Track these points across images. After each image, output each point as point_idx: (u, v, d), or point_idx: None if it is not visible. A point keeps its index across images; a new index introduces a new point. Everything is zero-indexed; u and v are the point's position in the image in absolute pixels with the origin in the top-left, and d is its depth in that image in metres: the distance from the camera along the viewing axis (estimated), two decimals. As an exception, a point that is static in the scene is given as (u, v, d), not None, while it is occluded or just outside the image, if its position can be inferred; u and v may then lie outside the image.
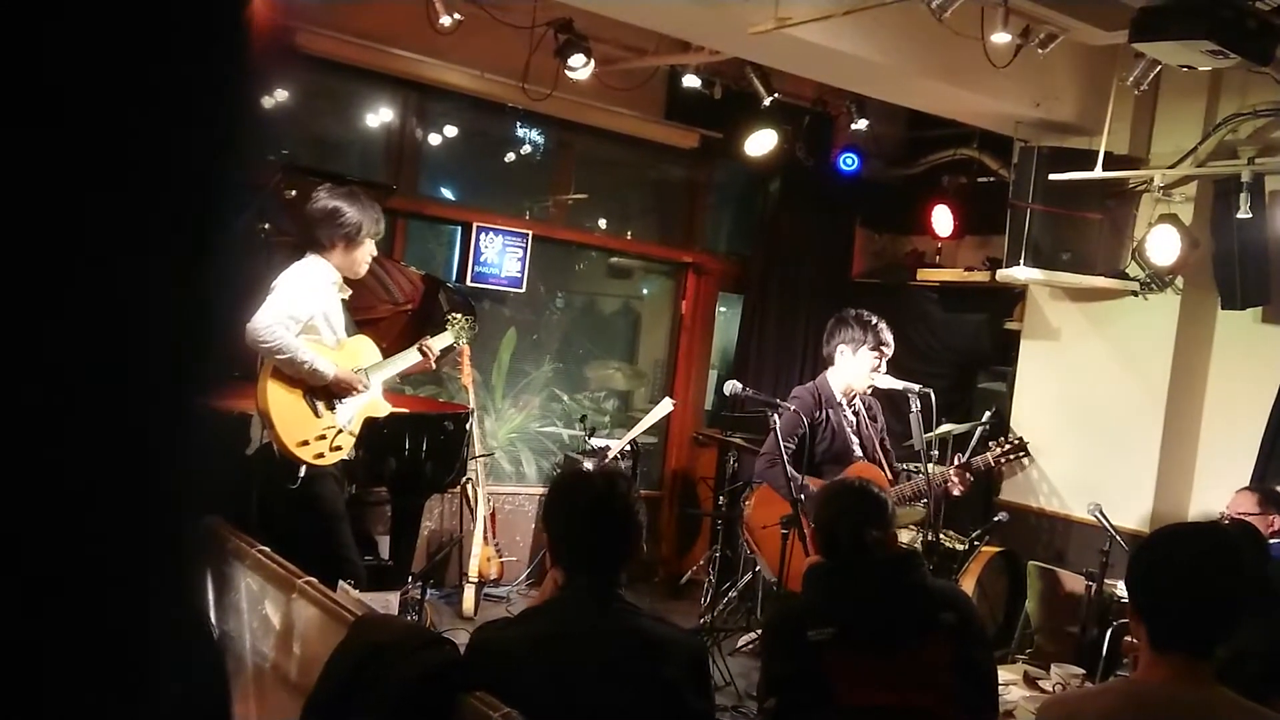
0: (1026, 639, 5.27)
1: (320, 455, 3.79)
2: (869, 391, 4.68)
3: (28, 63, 0.46)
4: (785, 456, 4.18)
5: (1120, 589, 4.42)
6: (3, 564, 0.47)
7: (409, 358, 4.14)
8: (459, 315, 4.38)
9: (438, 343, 4.23)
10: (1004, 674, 3.56)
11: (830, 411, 4.53)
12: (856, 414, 4.65)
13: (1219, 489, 5.33)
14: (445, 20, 5.07)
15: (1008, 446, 4.97)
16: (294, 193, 4.23)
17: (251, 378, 3.76)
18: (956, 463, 4.68)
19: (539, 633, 2.04)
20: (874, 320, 4.58)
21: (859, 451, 4.58)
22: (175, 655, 0.54)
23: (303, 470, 3.75)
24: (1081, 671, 3.87)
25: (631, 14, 4.76)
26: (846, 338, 4.56)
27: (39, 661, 0.49)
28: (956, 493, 4.61)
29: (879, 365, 4.55)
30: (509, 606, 5.59)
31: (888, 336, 4.56)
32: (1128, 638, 4.20)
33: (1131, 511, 5.30)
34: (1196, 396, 5.49)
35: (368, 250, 3.93)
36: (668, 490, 7.03)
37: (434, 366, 4.31)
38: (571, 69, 5.43)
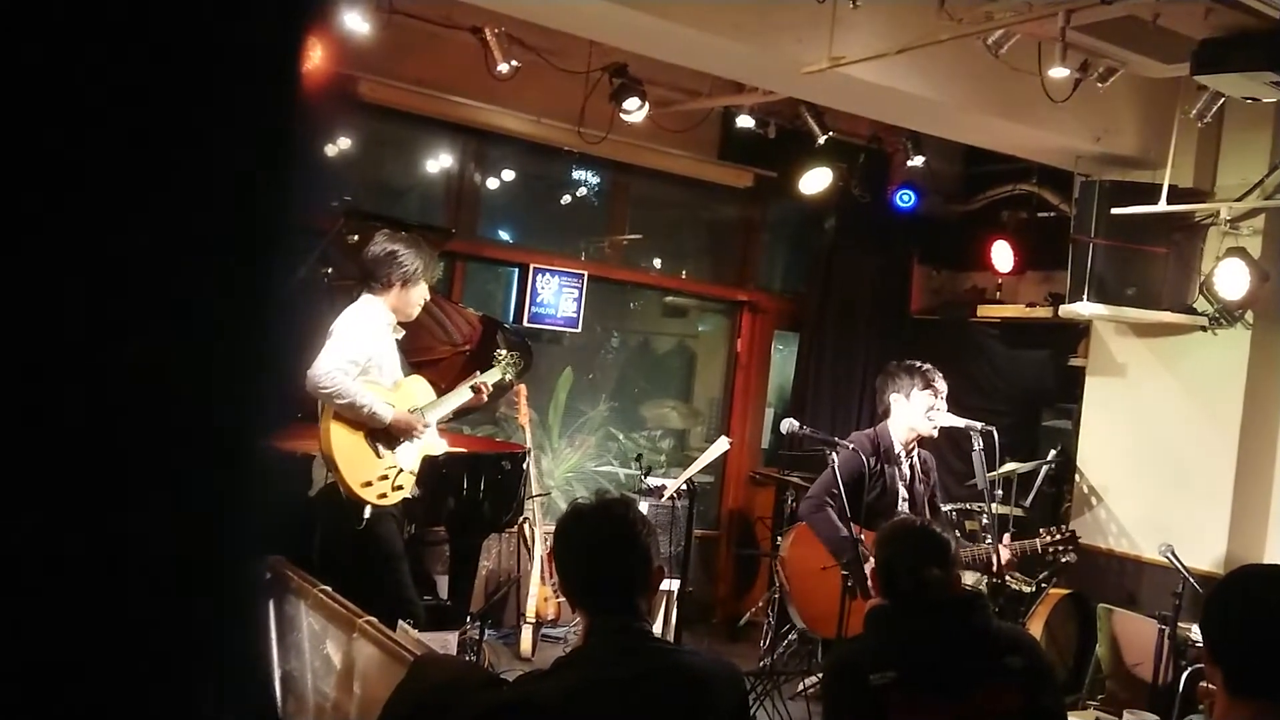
0: (1097, 684, 5.11)
1: (383, 495, 3.84)
2: (934, 434, 4.60)
3: (75, 112, 0.47)
4: (841, 500, 4.14)
5: (1194, 632, 4.28)
6: (66, 602, 0.48)
7: (462, 395, 4.20)
8: (505, 352, 4.43)
9: (487, 378, 4.30)
10: (1074, 721, 3.46)
11: (885, 464, 4.48)
12: (911, 469, 4.59)
13: (1297, 529, 5.16)
14: (503, 67, 5.19)
15: (1057, 538, 4.81)
16: (356, 238, 4.33)
17: (314, 420, 3.82)
18: (1004, 541, 4.54)
19: (576, 683, 1.94)
20: (919, 364, 4.55)
21: (906, 508, 4.51)
22: (231, 693, 0.55)
23: (367, 511, 3.80)
24: (1155, 718, 3.75)
25: (685, 57, 4.81)
26: (897, 387, 4.53)
27: (97, 697, 0.50)
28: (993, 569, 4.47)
29: (936, 404, 4.49)
30: (565, 646, 5.56)
31: (937, 376, 4.52)
32: (1203, 683, 4.07)
33: (1204, 552, 5.14)
34: (1270, 433, 5.33)
35: (421, 293, 4.01)
36: (725, 530, 6.98)
37: (485, 400, 4.36)
38: (626, 112, 5.50)
